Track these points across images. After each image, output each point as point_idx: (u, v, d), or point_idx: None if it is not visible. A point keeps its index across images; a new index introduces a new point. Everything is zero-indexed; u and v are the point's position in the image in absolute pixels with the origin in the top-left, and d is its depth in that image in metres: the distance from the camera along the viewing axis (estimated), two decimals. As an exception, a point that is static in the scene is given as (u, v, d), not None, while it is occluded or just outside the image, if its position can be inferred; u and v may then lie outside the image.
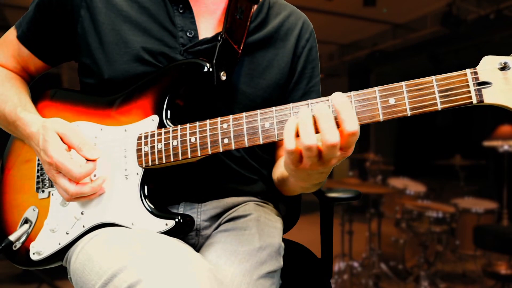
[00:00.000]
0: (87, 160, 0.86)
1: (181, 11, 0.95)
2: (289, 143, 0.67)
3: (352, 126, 0.64)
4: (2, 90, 0.97)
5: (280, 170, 0.99)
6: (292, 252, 1.14)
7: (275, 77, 1.00)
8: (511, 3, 4.52)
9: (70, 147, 0.86)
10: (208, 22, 0.98)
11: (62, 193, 0.86)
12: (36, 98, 1.03)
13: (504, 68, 0.66)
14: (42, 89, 1.07)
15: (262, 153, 1.05)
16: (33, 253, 0.92)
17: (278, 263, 0.92)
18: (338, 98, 0.66)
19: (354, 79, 7.91)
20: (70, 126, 0.88)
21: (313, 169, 0.69)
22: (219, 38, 0.91)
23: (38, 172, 0.97)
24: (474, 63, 0.68)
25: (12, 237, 0.91)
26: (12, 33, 1.02)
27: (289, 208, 1.21)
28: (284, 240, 1.04)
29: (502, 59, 0.66)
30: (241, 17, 0.96)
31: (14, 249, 0.94)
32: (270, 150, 1.09)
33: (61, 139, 0.86)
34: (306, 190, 0.94)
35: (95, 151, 0.87)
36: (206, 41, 0.94)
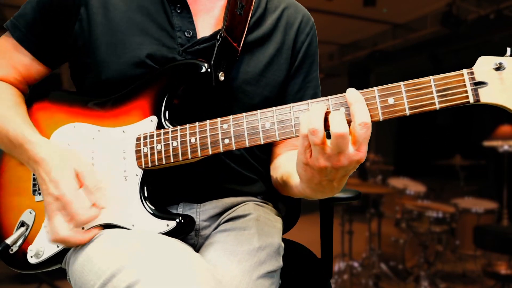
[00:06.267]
0: (94, 205, 0.82)
1: (178, 11, 0.93)
2: (302, 127, 0.67)
3: (362, 117, 0.66)
4: (2, 110, 0.91)
5: (285, 169, 0.95)
6: (292, 252, 1.14)
7: (275, 74, 0.99)
8: (511, 3, 4.52)
9: (81, 186, 0.82)
10: (205, 20, 0.96)
11: (52, 230, 0.80)
12: (32, 99, 1.01)
13: (499, 68, 0.67)
14: (40, 89, 1.05)
15: (260, 153, 1.04)
16: (31, 256, 0.90)
17: (278, 263, 0.92)
18: (351, 91, 0.69)
19: (354, 79, 7.90)
20: (87, 164, 0.86)
21: (321, 166, 0.67)
22: (218, 37, 0.90)
23: (34, 174, 0.95)
24: (474, 63, 0.69)
25: (8, 241, 0.90)
26: (7, 40, 0.97)
27: (289, 208, 1.21)
28: (284, 240, 1.04)
29: (497, 59, 0.68)
30: (241, 13, 0.94)
31: (10, 252, 0.93)
32: (267, 149, 1.07)
33: (76, 175, 0.82)
34: (308, 197, 0.90)
35: (105, 199, 0.84)
36: (204, 40, 0.92)
